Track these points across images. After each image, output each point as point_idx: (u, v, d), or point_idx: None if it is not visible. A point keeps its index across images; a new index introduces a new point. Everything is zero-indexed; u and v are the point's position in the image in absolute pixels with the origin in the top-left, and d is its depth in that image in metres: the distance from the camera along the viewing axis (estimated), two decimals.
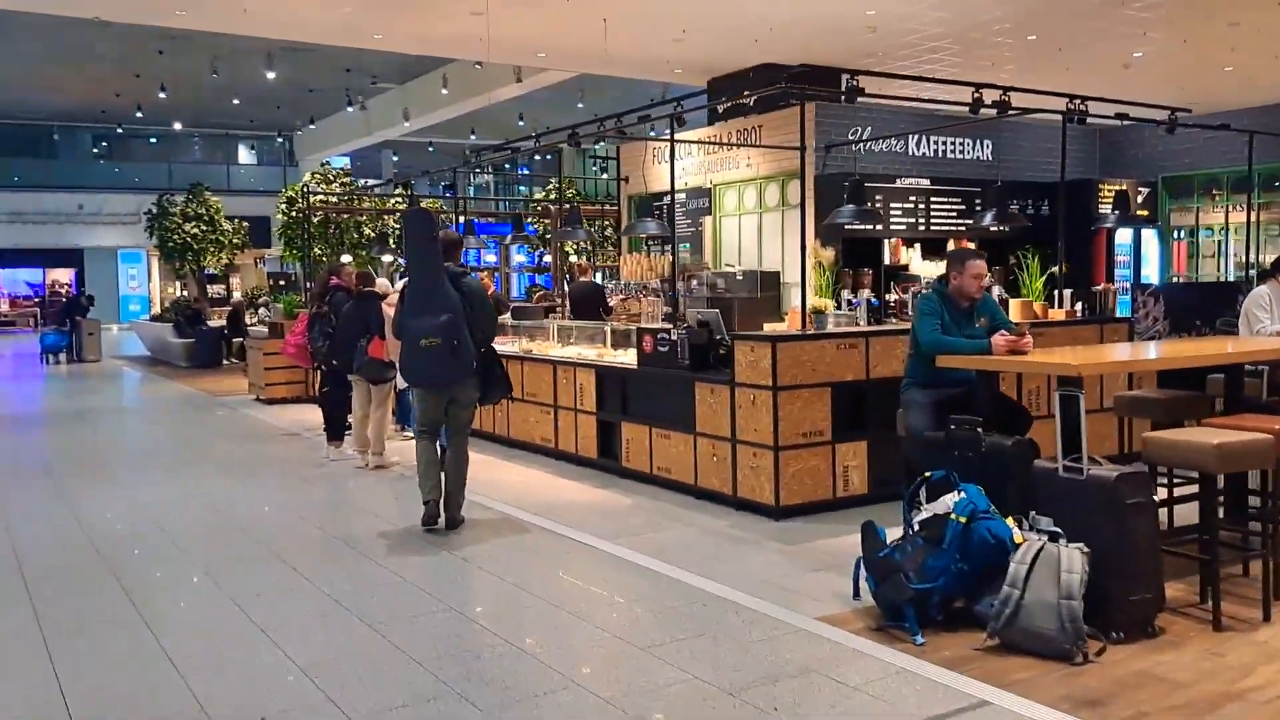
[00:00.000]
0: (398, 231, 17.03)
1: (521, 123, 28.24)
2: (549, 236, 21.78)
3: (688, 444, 7.17)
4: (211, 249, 21.57)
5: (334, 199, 16.23)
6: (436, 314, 6.42)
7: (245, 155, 37.82)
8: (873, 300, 9.64)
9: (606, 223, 15.69)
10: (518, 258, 24.92)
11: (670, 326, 7.53)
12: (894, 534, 4.77)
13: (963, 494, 4.41)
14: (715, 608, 4.80)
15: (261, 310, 21.00)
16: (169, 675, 4.12)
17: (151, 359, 21.70)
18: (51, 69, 25.46)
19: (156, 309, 36.48)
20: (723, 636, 4.42)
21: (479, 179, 42.70)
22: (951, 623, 4.36)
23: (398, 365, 8.18)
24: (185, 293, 38.59)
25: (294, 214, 16.16)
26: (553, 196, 21.54)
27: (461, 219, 13.96)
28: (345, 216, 16.72)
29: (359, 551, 6.07)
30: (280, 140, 34.53)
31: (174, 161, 35.34)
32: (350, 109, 26.41)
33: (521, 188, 40.26)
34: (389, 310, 8.19)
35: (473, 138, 31.47)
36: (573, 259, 14.38)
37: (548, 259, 19.02)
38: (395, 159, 36.22)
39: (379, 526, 6.71)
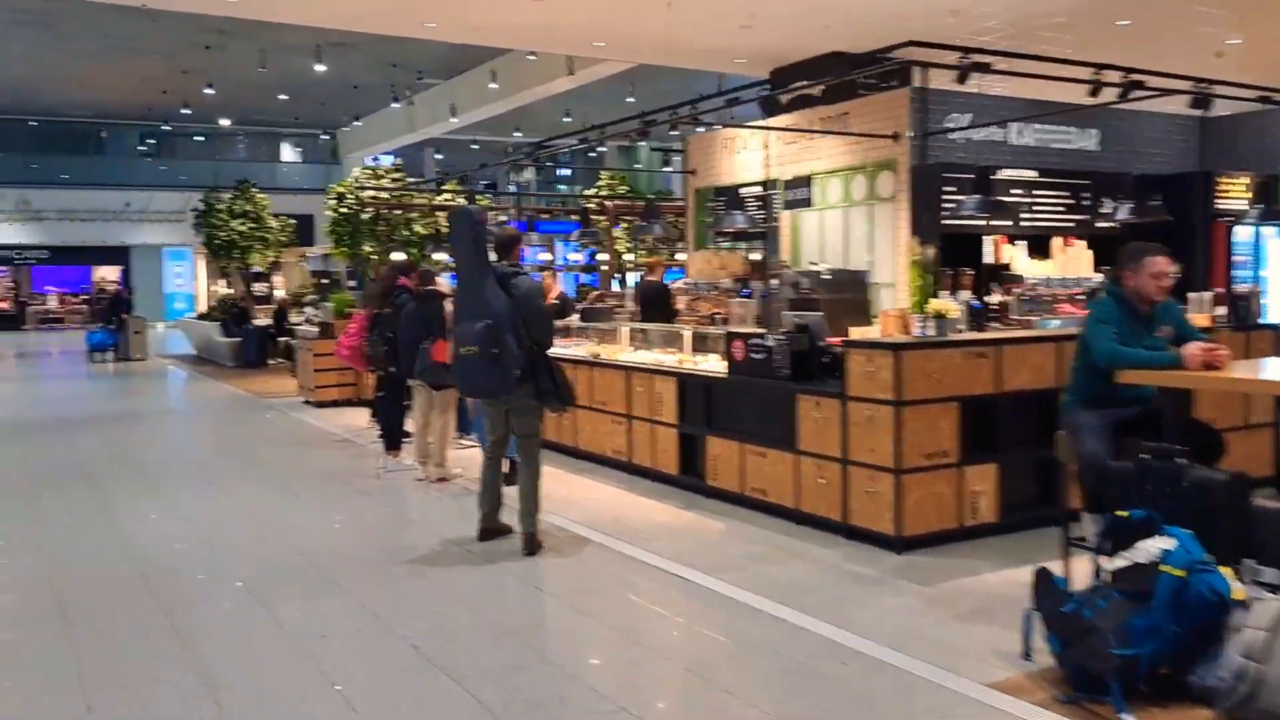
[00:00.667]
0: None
1: (568, 118, 27.62)
2: (599, 234, 21.17)
3: (788, 463, 6.43)
4: (258, 246, 21.09)
5: (384, 195, 15.61)
6: (475, 319, 5.79)
7: (289, 153, 37.53)
8: (973, 303, 8.85)
9: (672, 219, 14.95)
10: (573, 255, 24.23)
11: (764, 331, 6.79)
12: (1026, 572, 4.01)
13: (1173, 540, 3.64)
14: (860, 667, 4.06)
15: (307, 309, 20.52)
16: None
17: (197, 358, 21.28)
18: (99, 67, 25.20)
19: (202, 307, 36.34)
20: (881, 708, 3.69)
21: (522, 176, 42.24)
22: (1159, 696, 3.60)
23: None
24: (232, 290, 38.46)
25: (343, 210, 15.60)
26: (604, 192, 20.86)
27: (523, 216, 13.31)
28: (398, 213, 16.10)
29: (425, 578, 5.40)
30: (326, 137, 34.14)
31: (220, 160, 35.07)
32: (396, 104, 25.91)
33: (560, 186, 39.64)
34: (451, 308, 7.55)
35: (517, 135, 30.89)
36: (631, 256, 13.61)
37: (601, 257, 18.31)
38: (439, 157, 35.74)
39: (444, 547, 6.03)
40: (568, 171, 38.96)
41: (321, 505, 7.42)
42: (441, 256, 14.86)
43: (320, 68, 19.04)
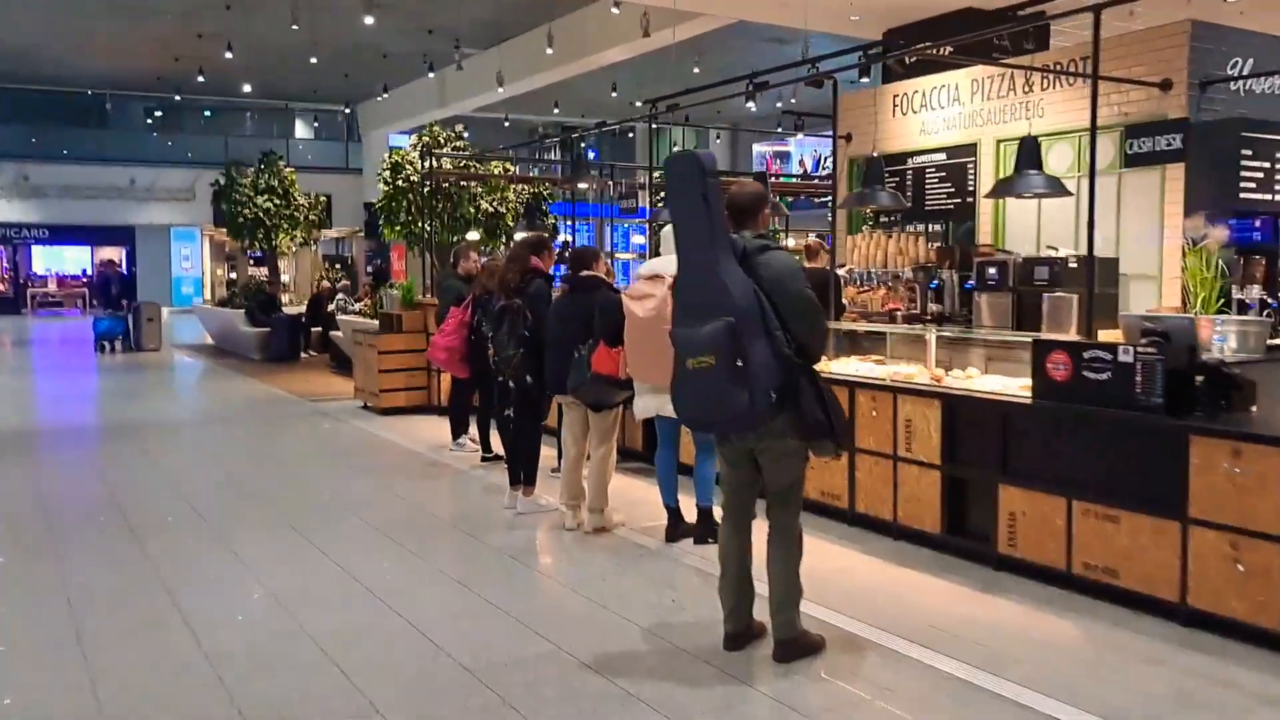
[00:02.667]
0: (523, 207, 14.17)
1: (615, 94, 25.45)
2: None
3: (1165, 535, 4.39)
4: (285, 225, 18.88)
5: (450, 165, 13.41)
6: (708, 315, 3.81)
7: (305, 129, 35.21)
8: (1269, 300, 6.82)
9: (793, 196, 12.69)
10: (636, 240, 22.06)
11: (1115, 344, 4.74)
12: None
13: None
14: None
15: (339, 297, 18.42)
16: None
17: (216, 349, 19.13)
18: (106, 29, 22.93)
19: (208, 292, 34.13)
20: None
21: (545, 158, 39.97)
22: None
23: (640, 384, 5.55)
24: (235, 275, 36.21)
25: (399, 184, 13.43)
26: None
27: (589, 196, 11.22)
28: (473, 186, 13.89)
29: (662, 711, 3.36)
30: (349, 111, 31.87)
31: (231, 135, 32.83)
32: (431, 74, 23.66)
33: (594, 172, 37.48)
34: (633, 305, 5.48)
35: (556, 112, 28.72)
36: (812, 239, 11.44)
37: None
38: (466, 136, 33.49)
39: (665, 655, 3.98)
40: (593, 154, 36.80)
41: (458, 574, 5.34)
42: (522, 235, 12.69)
43: (369, 20, 16.80)
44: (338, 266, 32.61)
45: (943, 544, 5.47)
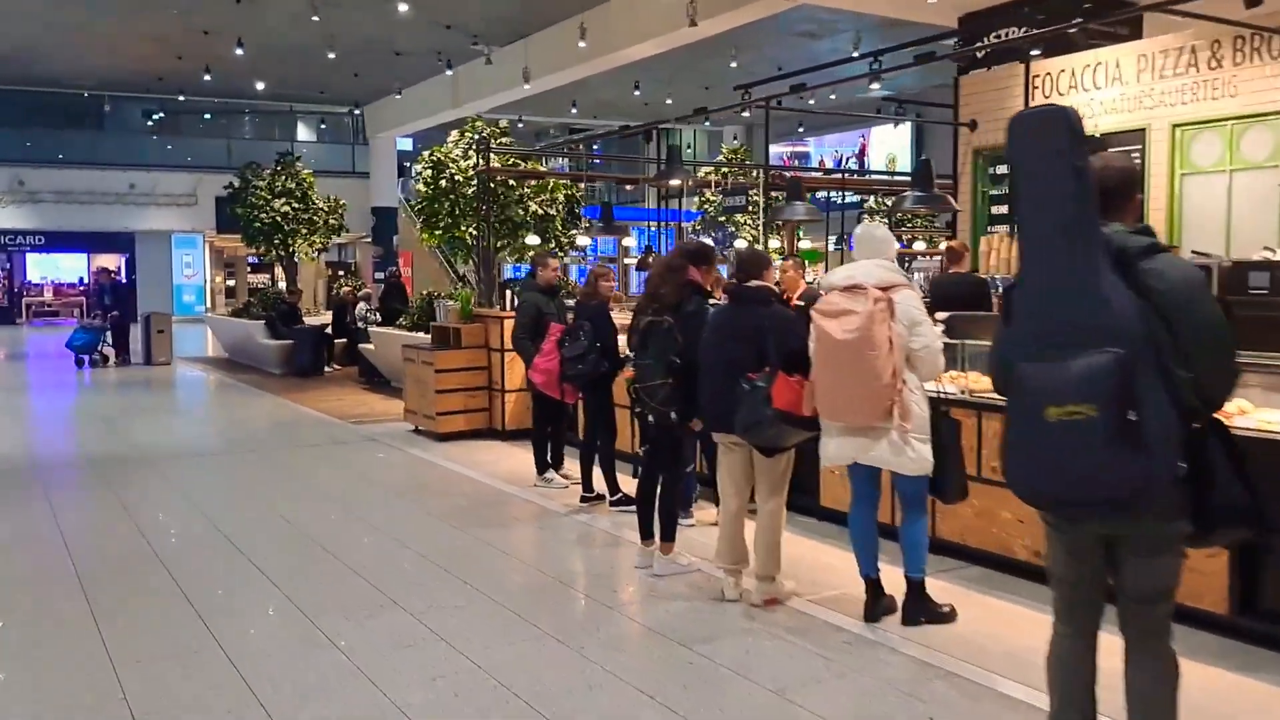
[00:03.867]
0: (562, 210, 12.82)
1: (637, 92, 24.30)
2: (720, 216, 17.88)
3: None
4: (303, 231, 17.60)
5: (498, 162, 12.14)
6: (1078, 344, 2.63)
7: (306, 132, 33.89)
8: None
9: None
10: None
11: None
12: None
13: None
14: None
15: (361, 306, 17.20)
16: None
17: (230, 362, 17.86)
18: (105, 26, 21.64)
19: (208, 300, 32.79)
20: None
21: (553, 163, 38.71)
22: None
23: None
24: (256, 282, 34.83)
25: (441, 184, 12.17)
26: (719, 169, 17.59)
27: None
28: (524, 186, 12.63)
29: None
30: (358, 112, 30.57)
31: (234, 138, 31.51)
32: (450, 72, 22.43)
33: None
34: (828, 324, 4.33)
35: (573, 113, 27.54)
36: (954, 240, 10.22)
37: (740, 244, 15.02)
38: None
39: None
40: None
41: (631, 673, 4.14)
42: (585, 241, 11.40)
43: (404, 7, 15.53)
44: (342, 273, 31.32)
45: (1228, 626, 4.32)
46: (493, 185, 11.92)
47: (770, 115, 9.54)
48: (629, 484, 6.33)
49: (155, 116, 30.81)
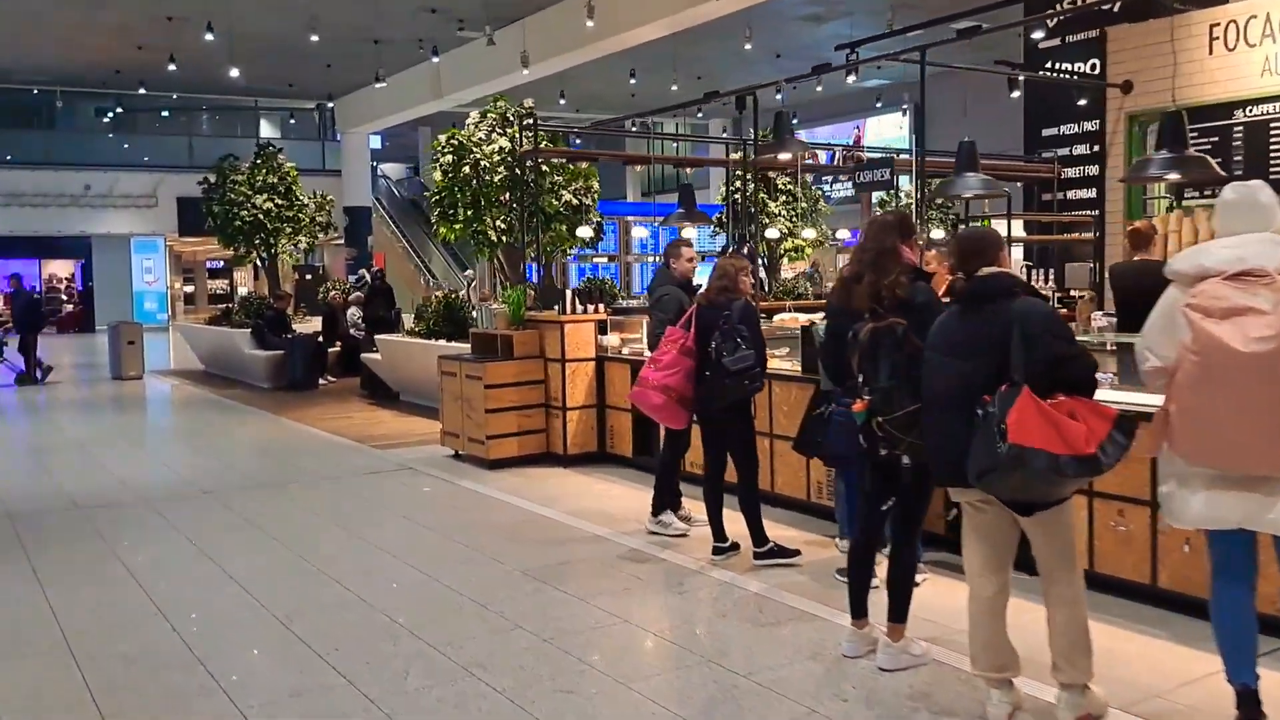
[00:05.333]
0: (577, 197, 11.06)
1: (634, 80, 22.82)
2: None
3: None
4: (287, 230, 15.87)
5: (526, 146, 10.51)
6: None
7: (269, 129, 31.93)
8: None
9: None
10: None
11: None
12: None
13: None
14: None
15: (351, 311, 15.57)
16: None
17: (208, 375, 16.12)
18: (58, 14, 19.75)
19: (170, 309, 30.74)
20: None
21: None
22: None
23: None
24: (237, 288, 32.67)
25: (463, 170, 10.55)
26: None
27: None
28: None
29: None
30: (330, 106, 28.75)
31: (196, 135, 29.58)
32: (436, 59, 20.78)
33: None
34: (1220, 330, 2.98)
35: (562, 104, 25.93)
36: (1140, 221, 8.70)
37: (808, 234, 13.51)
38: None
39: None
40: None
41: None
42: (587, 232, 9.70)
43: None
44: (308, 276, 29.47)
45: None
46: (522, 172, 10.39)
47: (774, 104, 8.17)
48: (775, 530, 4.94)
49: (114, 111, 28.75)
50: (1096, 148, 8.43)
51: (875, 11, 18.86)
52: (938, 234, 9.28)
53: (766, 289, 10.81)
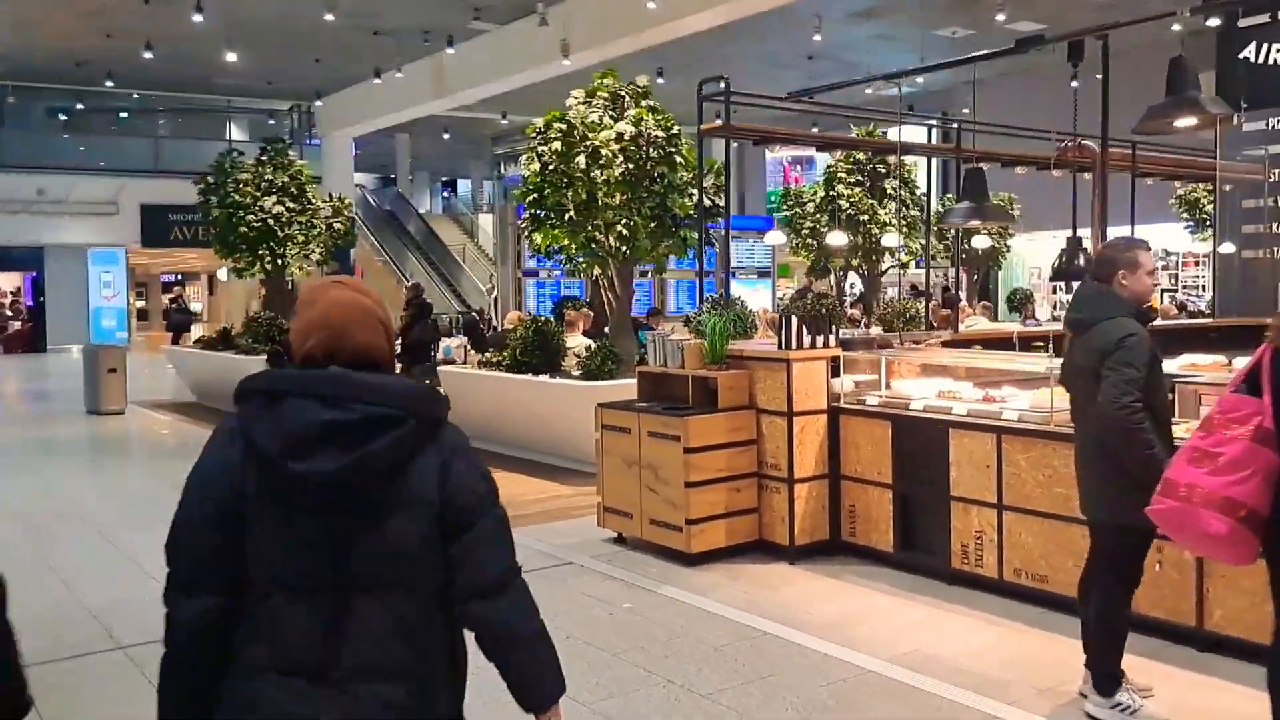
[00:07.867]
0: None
1: (661, 80, 20.66)
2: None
3: None
4: (299, 237, 13.27)
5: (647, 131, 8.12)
6: None
7: (238, 132, 29.02)
8: None
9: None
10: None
11: None
12: None
13: None
14: None
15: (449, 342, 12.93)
16: None
17: (203, 408, 13.46)
18: (13, 4, 17.00)
19: (130, 327, 27.60)
20: None
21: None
22: None
23: None
24: (188, 304, 29.51)
25: (577, 160, 8.03)
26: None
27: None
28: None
29: None
30: (307, 108, 26.09)
31: (161, 137, 26.69)
32: (451, 50, 18.39)
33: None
34: None
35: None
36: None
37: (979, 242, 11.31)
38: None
39: None
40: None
41: None
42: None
43: None
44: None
45: None
46: (642, 166, 8.08)
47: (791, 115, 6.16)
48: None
49: (73, 109, 25.78)
50: None
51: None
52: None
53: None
